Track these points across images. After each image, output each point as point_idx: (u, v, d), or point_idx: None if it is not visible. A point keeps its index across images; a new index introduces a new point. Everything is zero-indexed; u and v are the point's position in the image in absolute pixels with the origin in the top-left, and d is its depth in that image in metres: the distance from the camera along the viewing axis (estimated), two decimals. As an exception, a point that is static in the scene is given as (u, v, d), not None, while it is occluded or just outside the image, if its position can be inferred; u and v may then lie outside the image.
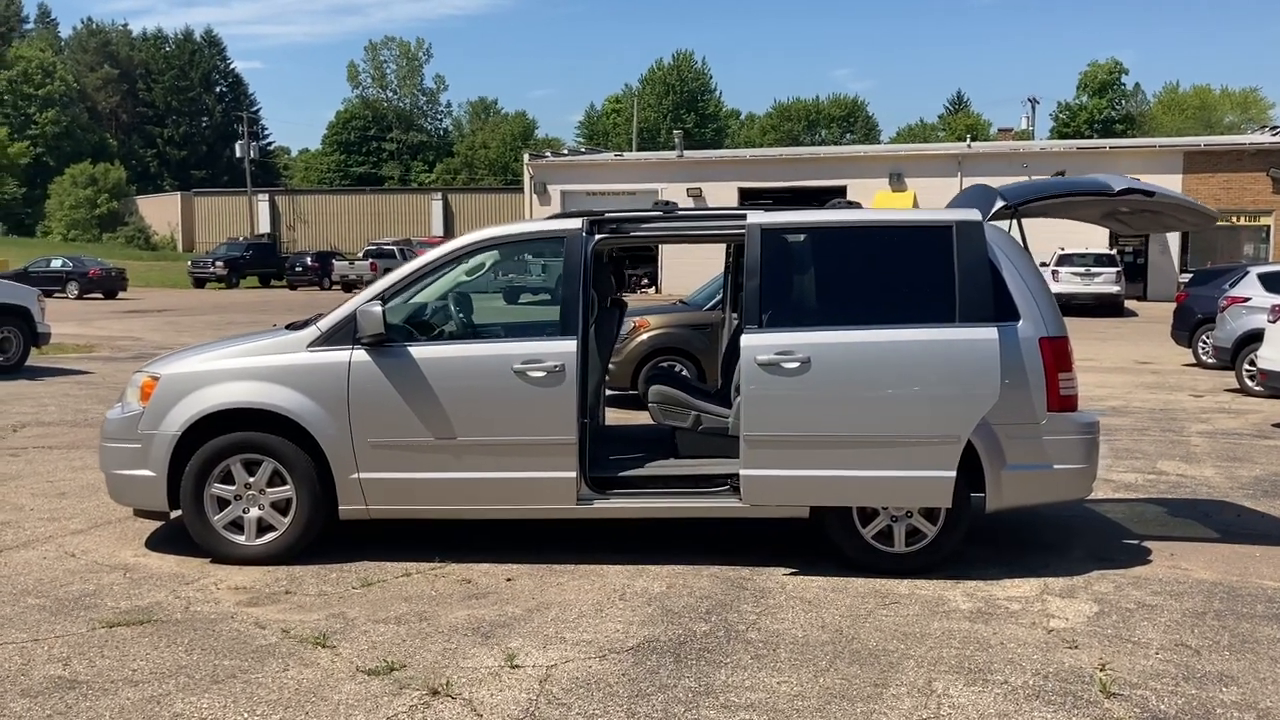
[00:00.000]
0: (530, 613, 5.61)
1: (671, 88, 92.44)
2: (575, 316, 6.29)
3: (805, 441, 6.10)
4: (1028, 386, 6.26)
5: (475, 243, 6.57)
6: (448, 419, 6.26)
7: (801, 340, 6.13)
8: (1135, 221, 7.40)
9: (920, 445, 6.06)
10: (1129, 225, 7.55)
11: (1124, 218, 7.36)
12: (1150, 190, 6.52)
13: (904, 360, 6.10)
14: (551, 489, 6.27)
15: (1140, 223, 7.42)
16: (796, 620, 5.54)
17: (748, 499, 6.19)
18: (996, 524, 7.33)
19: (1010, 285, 6.33)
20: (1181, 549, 6.97)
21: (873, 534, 6.34)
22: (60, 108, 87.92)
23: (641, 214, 6.68)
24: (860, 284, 6.40)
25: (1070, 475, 6.39)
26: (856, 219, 6.48)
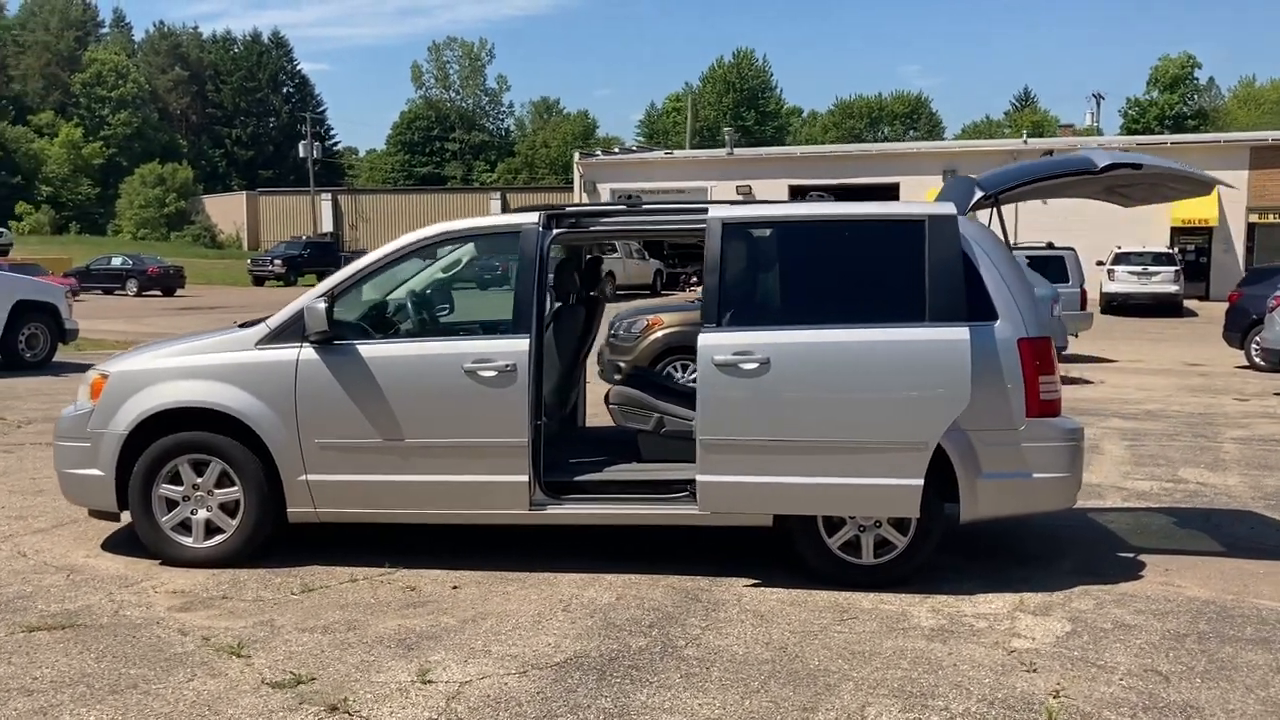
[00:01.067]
0: (465, 624, 5.38)
1: (732, 85, 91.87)
2: (529, 314, 6.05)
3: (764, 446, 5.80)
4: (1005, 390, 5.90)
5: (427, 238, 6.35)
6: (396, 420, 6.05)
7: (761, 340, 5.83)
8: (1135, 193, 6.99)
9: (886, 452, 5.73)
10: (1129, 198, 7.14)
11: (1124, 191, 6.95)
12: (1138, 162, 6.12)
13: (868, 362, 5.77)
14: (503, 493, 6.04)
15: (1140, 194, 7.01)
16: (742, 636, 5.25)
17: (704, 506, 5.91)
18: (983, 535, 6.98)
19: (988, 283, 5.97)
20: (1179, 563, 6.55)
21: (839, 544, 6.02)
22: (132, 109, 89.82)
23: (602, 208, 6.43)
24: (826, 281, 6.08)
25: (1051, 485, 6.01)
26: (823, 213, 6.16)
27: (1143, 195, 7.00)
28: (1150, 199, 7.08)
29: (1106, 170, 6.05)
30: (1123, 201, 7.20)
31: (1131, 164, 6.10)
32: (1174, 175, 6.39)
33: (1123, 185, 6.78)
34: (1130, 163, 6.10)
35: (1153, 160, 6.25)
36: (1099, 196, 7.26)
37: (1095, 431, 11.52)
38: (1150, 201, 7.11)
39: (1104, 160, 6.07)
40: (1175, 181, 6.55)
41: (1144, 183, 6.65)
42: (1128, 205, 7.32)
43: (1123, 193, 6.98)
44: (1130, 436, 11.31)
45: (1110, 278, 30.21)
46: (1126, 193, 6.96)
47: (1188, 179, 6.42)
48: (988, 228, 6.25)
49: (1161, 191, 6.87)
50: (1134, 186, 6.78)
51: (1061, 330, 16.27)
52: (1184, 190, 6.75)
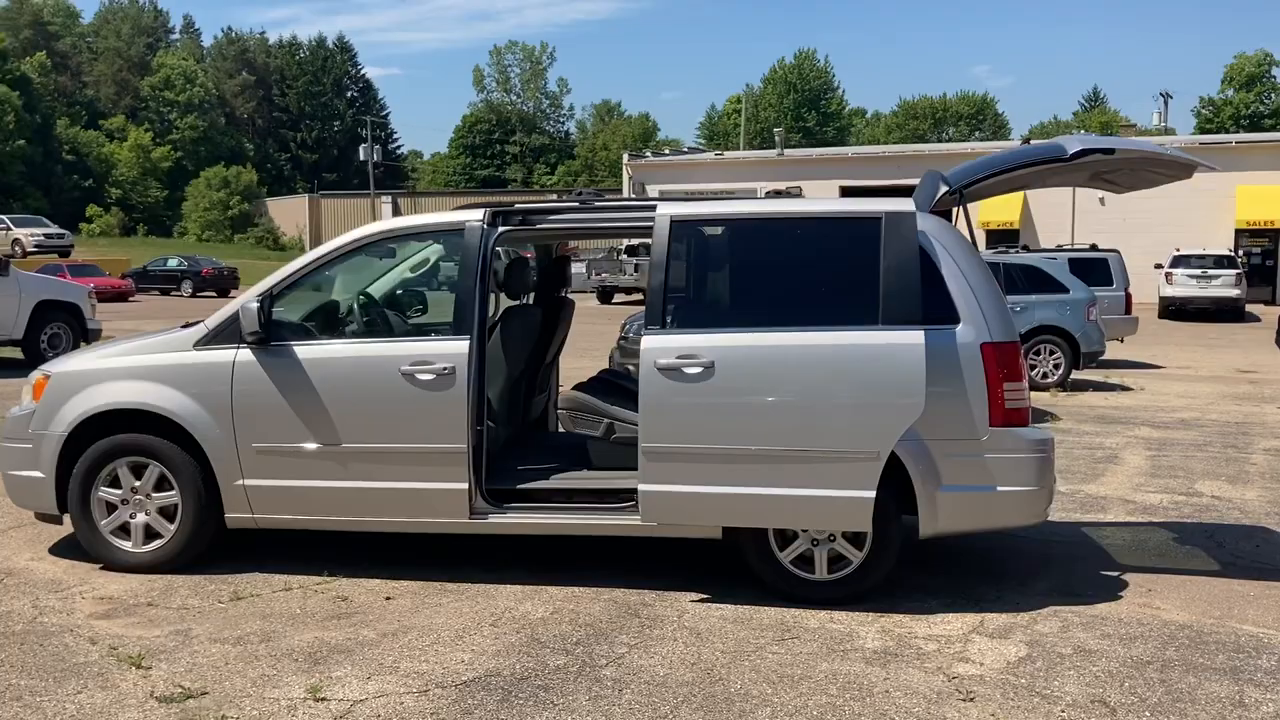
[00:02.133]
0: (385, 637, 5.16)
1: (793, 86, 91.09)
2: (470, 315, 5.82)
3: (709, 455, 5.51)
4: (966, 398, 5.55)
5: (366, 236, 6.16)
6: (332, 424, 5.86)
7: (706, 343, 5.55)
8: (1122, 179, 6.58)
9: (836, 461, 5.42)
10: (1117, 184, 6.73)
11: (1109, 177, 6.55)
12: (1110, 148, 5.73)
13: (816, 366, 5.46)
14: (442, 501, 5.82)
15: (1127, 180, 6.60)
16: (670, 655, 4.97)
17: (646, 516, 5.64)
18: (962, 550, 6.63)
19: (950, 285, 5.63)
20: (1166, 583, 6.14)
21: (792, 558, 5.71)
22: (200, 113, 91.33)
23: (550, 205, 6.19)
24: (778, 282, 5.78)
25: (1017, 499, 5.65)
26: (775, 210, 5.86)
27: (1129, 181, 6.59)
28: (1136, 184, 6.66)
29: (1077, 157, 5.68)
30: (1112, 188, 6.80)
31: (1103, 149, 5.71)
32: (1155, 159, 5.98)
33: (1107, 171, 6.39)
34: (1102, 148, 5.72)
35: (1127, 144, 5.87)
36: (1088, 184, 6.87)
37: (1119, 440, 11.06)
38: (1137, 187, 6.69)
39: (1075, 146, 5.70)
40: (1156, 165, 6.14)
41: (1125, 168, 6.26)
42: (1118, 192, 6.90)
43: (1109, 179, 6.58)
44: (1155, 446, 10.81)
45: (1168, 281, 29.29)
46: (1113, 179, 6.55)
47: (1170, 163, 6.00)
48: (954, 227, 5.90)
49: (1146, 176, 6.46)
50: (1118, 172, 6.38)
51: (1099, 336, 15.70)
52: (1167, 174, 6.33)
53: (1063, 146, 5.77)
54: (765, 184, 39.33)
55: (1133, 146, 5.86)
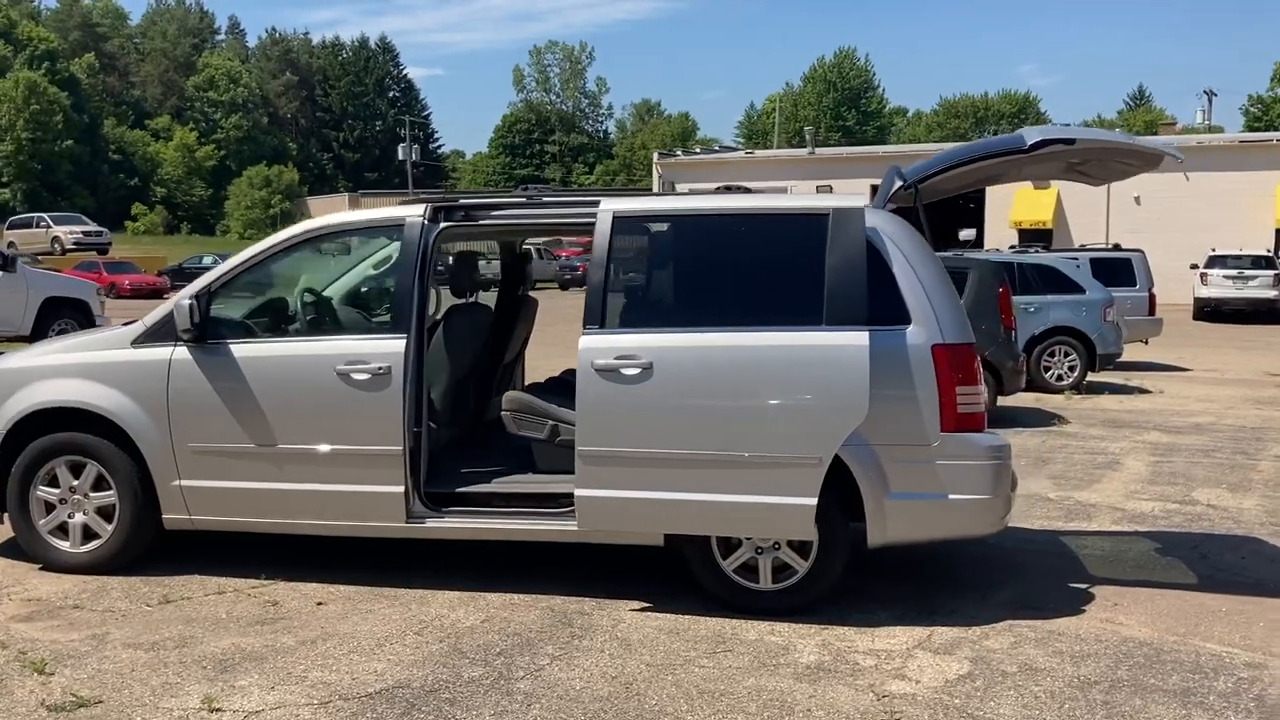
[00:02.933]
0: (303, 644, 5.02)
1: (833, 85, 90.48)
2: (407, 313, 5.67)
3: (648, 459, 5.31)
4: (916, 401, 5.32)
5: (307, 232, 6.02)
6: (268, 424, 5.73)
7: (644, 343, 5.35)
8: (1094, 171, 6.29)
9: (777, 467, 5.20)
10: (1090, 176, 6.44)
11: (1082, 169, 6.26)
12: (1070, 138, 5.46)
13: (757, 368, 5.25)
14: (379, 505, 5.67)
15: (1099, 172, 6.31)
16: (593, 668, 4.78)
17: (583, 523, 5.45)
18: (928, 558, 6.38)
19: (901, 284, 5.39)
20: (1135, 597, 5.86)
21: (735, 567, 5.50)
22: (243, 113, 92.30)
23: (494, 200, 6.01)
24: (721, 281, 5.58)
25: (970, 508, 5.40)
26: (719, 207, 5.66)
27: (1100, 173, 6.30)
28: (1109, 176, 6.37)
29: (1036, 148, 5.42)
30: (1086, 180, 6.51)
31: (1063, 140, 5.45)
32: (1119, 150, 5.70)
33: (1078, 163, 6.11)
34: (1062, 138, 5.45)
35: (1088, 134, 5.60)
36: (1063, 176, 6.58)
37: (1124, 445, 10.73)
38: (1110, 179, 6.40)
39: (1034, 137, 5.44)
40: (1121, 156, 5.86)
41: (1094, 159, 5.98)
42: (1093, 184, 6.61)
43: (1081, 170, 6.30)
44: (1161, 451, 10.46)
45: (1203, 281, 28.62)
46: (1084, 170, 6.27)
47: (1133, 153, 5.72)
48: (909, 224, 5.66)
49: (1115, 168, 6.17)
50: (1088, 164, 6.10)
51: (1116, 337, 15.30)
52: (1134, 165, 6.03)
53: (1022, 138, 5.52)
54: (796, 182, 39.00)
55: (1094, 137, 5.59)
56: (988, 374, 11.86)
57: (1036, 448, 10.65)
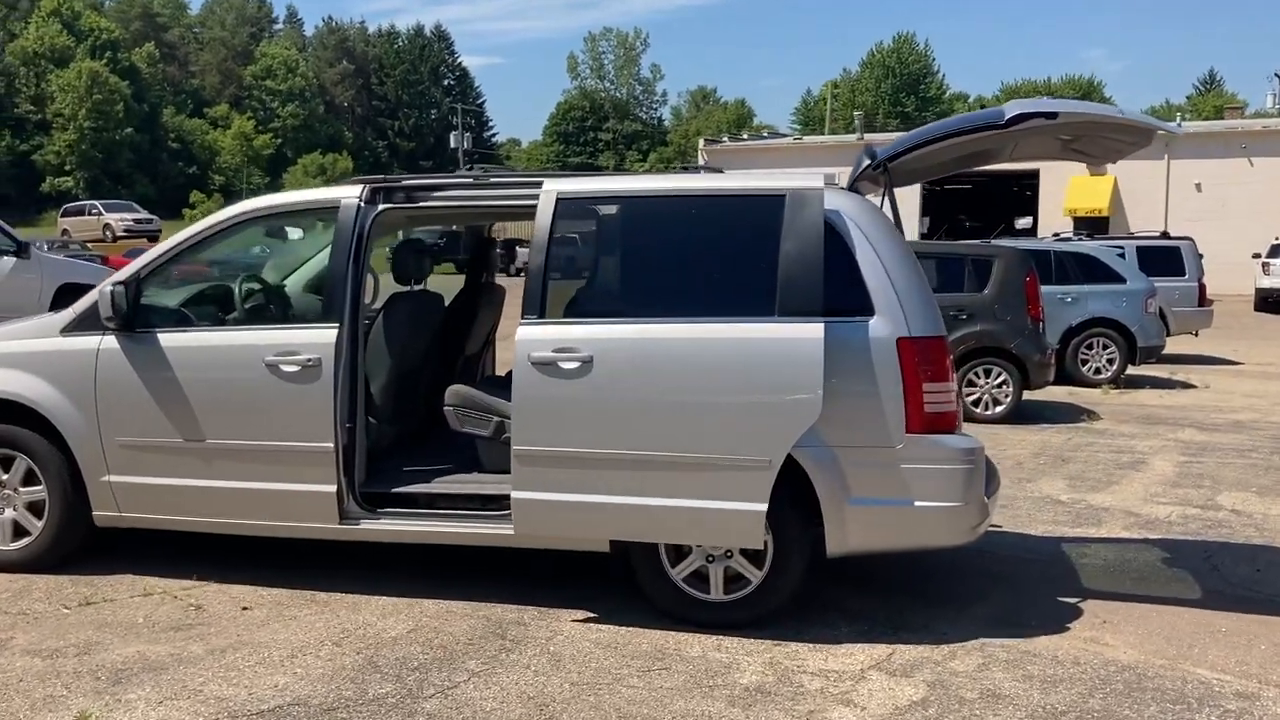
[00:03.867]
0: (212, 654, 4.71)
1: (891, 70, 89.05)
2: (340, 301, 5.33)
3: (587, 459, 4.93)
4: (878, 399, 4.88)
5: (240, 214, 5.69)
6: (196, 418, 5.43)
7: (584, 335, 4.97)
8: (1091, 149, 5.75)
9: (724, 470, 4.80)
10: (1088, 155, 5.89)
11: (1077, 147, 5.72)
12: (1052, 111, 4.96)
13: (702, 362, 4.84)
14: (310, 505, 5.34)
15: (1095, 150, 5.76)
16: (511, 686, 4.42)
17: (520, 528, 5.09)
18: (908, 566, 5.95)
19: (865, 273, 4.95)
20: (1129, 613, 5.38)
21: (685, 576, 5.11)
22: (300, 102, 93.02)
23: (436, 181, 5.64)
24: (668, 268, 5.17)
25: (938, 515, 4.94)
26: (669, 187, 5.25)
27: (1097, 151, 5.76)
28: (1105, 155, 5.81)
29: (1015, 122, 4.94)
30: (1085, 159, 5.98)
31: (1045, 113, 4.95)
32: (1110, 124, 5.17)
33: (1071, 140, 5.60)
34: (1044, 111, 4.95)
35: (1073, 106, 5.11)
36: (1060, 155, 6.06)
37: (1154, 444, 10.15)
38: (1108, 158, 5.85)
39: (1013, 111, 4.96)
40: (1112, 131, 5.32)
41: (1087, 135, 5.46)
42: (1094, 164, 6.07)
43: (1077, 149, 5.78)
44: (1193, 451, 9.87)
45: (1265, 271, 27.50)
46: (1081, 148, 5.74)
47: (1127, 127, 5.18)
48: (878, 208, 5.21)
49: (1111, 145, 5.61)
50: (1080, 140, 5.57)
51: (1158, 329, 14.63)
52: (1128, 141, 5.48)
53: (1002, 112, 5.04)
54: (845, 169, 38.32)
55: (1078, 109, 5.08)
56: (1012, 367, 11.39)
57: (1059, 445, 10.11)
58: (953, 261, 11.87)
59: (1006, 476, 8.60)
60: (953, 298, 11.51)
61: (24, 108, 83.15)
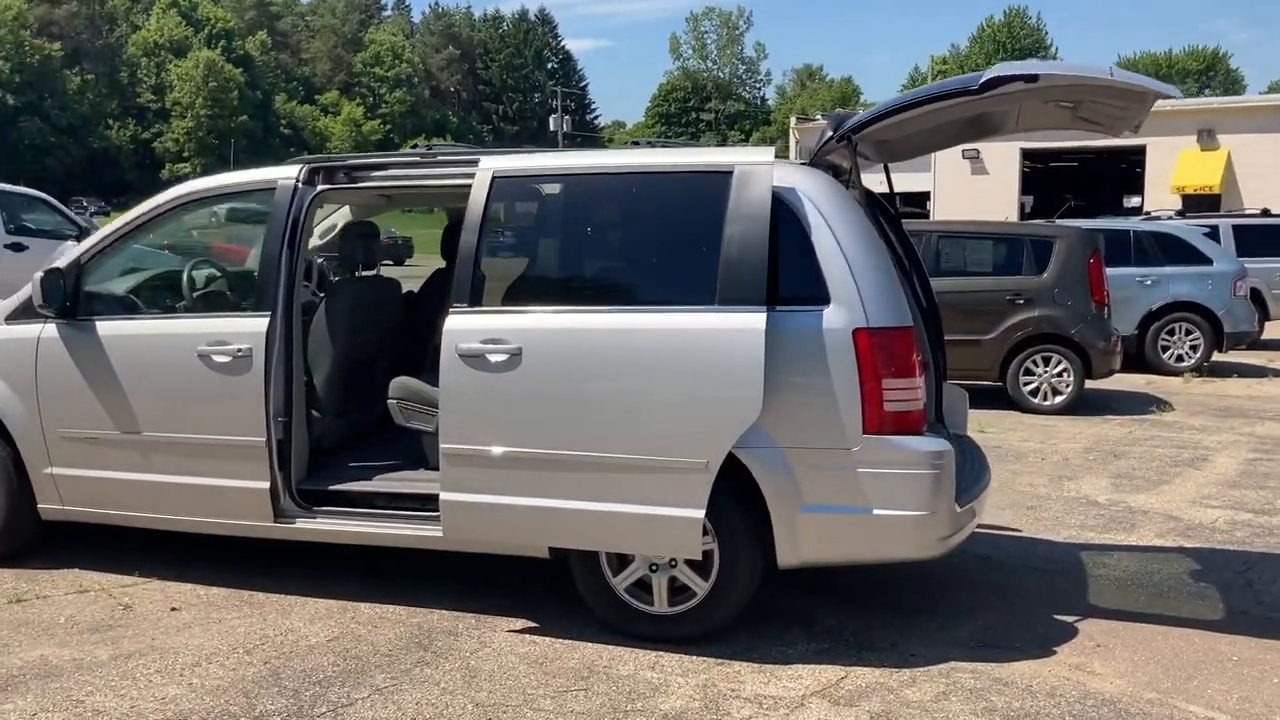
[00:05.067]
0: (117, 659, 4.48)
1: (1002, 45, 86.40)
2: (273, 288, 5.05)
3: (516, 460, 4.57)
4: (832, 396, 4.40)
5: (178, 197, 5.45)
6: (131, 410, 5.22)
7: (514, 325, 4.60)
8: (1097, 117, 5.07)
9: (657, 472, 4.39)
10: (1097, 124, 5.20)
11: (1084, 114, 5.07)
12: (1033, 74, 4.36)
13: (635, 356, 4.44)
14: (244, 501, 5.09)
15: (1102, 118, 5.06)
16: (410, 706, 4.08)
17: (449, 531, 4.76)
18: (900, 575, 5.46)
19: (821, 255, 4.47)
20: (1131, 635, 4.81)
21: (627, 585, 4.71)
22: (407, 88, 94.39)
23: (379, 160, 5.32)
24: (608, 252, 4.79)
25: (900, 525, 4.45)
26: (607, 164, 4.82)
27: (1104, 119, 5.09)
28: (1113, 124, 5.12)
29: (989, 87, 4.39)
30: (1097, 129, 5.32)
31: (1024, 76, 4.37)
32: (1099, 87, 4.54)
33: (1072, 107, 4.98)
34: (1023, 75, 4.38)
35: (1057, 68, 4.49)
36: (1069, 126, 5.44)
37: (1223, 439, 9.39)
38: (1118, 128, 5.15)
39: (988, 74, 4.40)
40: (1107, 96, 4.68)
41: (1086, 100, 4.83)
42: (1109, 134, 5.38)
43: (1085, 118, 5.15)
44: (1265, 448, 9.09)
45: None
46: (1088, 115, 5.10)
47: (1121, 91, 4.53)
48: (837, 184, 4.70)
49: (1113, 112, 4.94)
50: (1081, 105, 4.92)
51: (1248, 314, 13.65)
52: (1124, 107, 4.81)
53: (977, 76, 4.50)
54: (939, 147, 37.12)
55: (1062, 71, 4.47)
56: (1073, 355, 10.65)
57: (1116, 440, 9.41)
58: (1010, 242, 11.18)
59: (1046, 474, 8.00)
60: (1009, 281, 10.86)
61: (145, 97, 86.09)
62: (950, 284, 10.96)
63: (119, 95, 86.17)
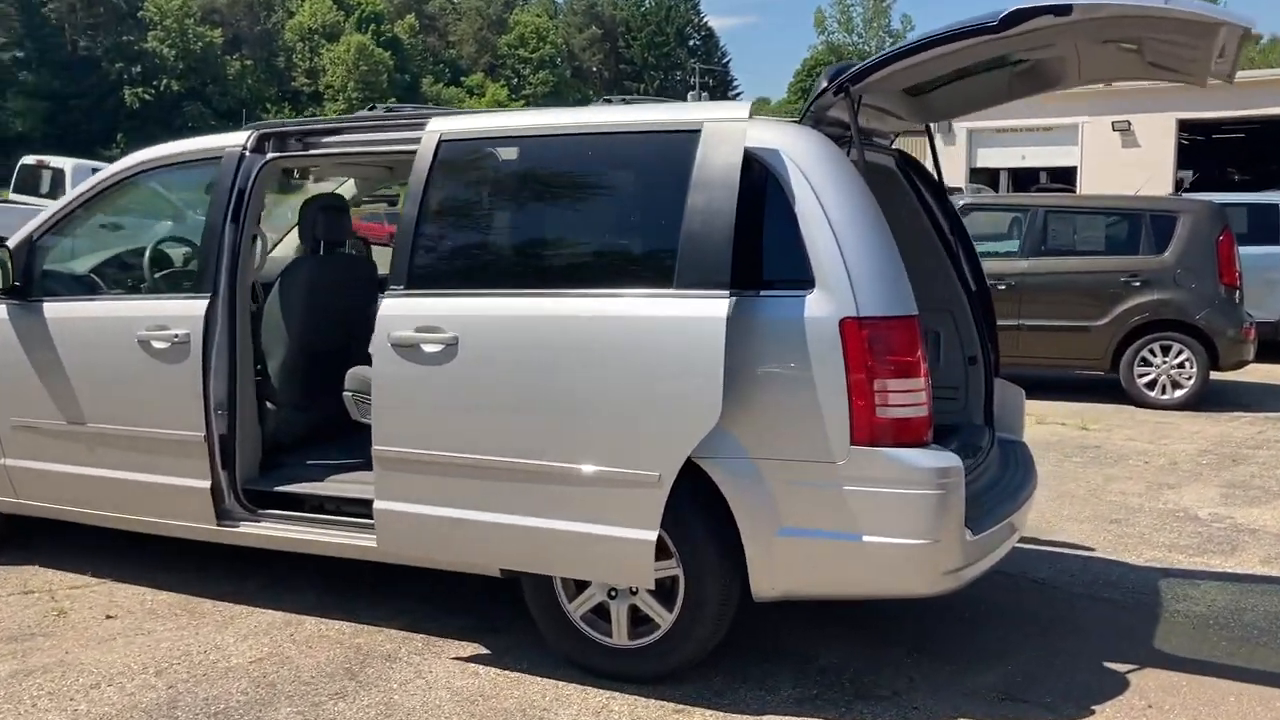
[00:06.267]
0: (16, 677, 4.06)
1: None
2: (213, 267, 4.57)
3: (451, 466, 3.99)
4: (815, 399, 3.67)
5: (127, 168, 5.00)
6: (76, 398, 4.82)
7: (450, 311, 4.00)
8: (1169, 61, 4.14)
9: (607, 486, 3.75)
10: (1171, 70, 4.28)
11: (1154, 59, 4.14)
12: (1064, 5, 3.50)
13: (581, 348, 3.79)
14: (185, 501, 4.64)
15: (1174, 61, 4.13)
16: (305, 748, 3.56)
17: (383, 543, 4.20)
18: (936, 602, 4.68)
19: (806, 231, 3.73)
20: (1194, 694, 3.95)
21: (584, 613, 4.08)
22: (550, 69, 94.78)
23: (334, 124, 4.76)
24: (561, 225, 4.14)
25: (896, 555, 3.68)
26: (567, 123, 4.15)
27: (1176, 64, 4.16)
28: (1184, 68, 4.16)
29: (1010, 24, 3.56)
30: (1174, 76, 4.39)
31: (1055, 8, 3.52)
32: (1159, 21, 3.63)
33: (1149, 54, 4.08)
34: (1052, 6, 3.52)
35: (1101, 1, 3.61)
36: (1141, 75, 4.53)
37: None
38: (1202, 72, 4.17)
39: (1012, 7, 3.56)
40: (1167, 32, 3.76)
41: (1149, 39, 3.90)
42: (1192, 80, 4.42)
43: (1156, 63, 4.22)
44: None
45: None
46: (1158, 60, 4.18)
47: (1186, 27, 3.61)
48: (836, 147, 3.92)
49: (1184, 54, 3.99)
50: (1145, 44, 3.98)
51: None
52: (1189, 44, 3.87)
53: (994, 15, 3.67)
54: (1087, 118, 34.88)
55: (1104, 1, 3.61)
56: (1197, 344, 9.49)
57: (1240, 441, 8.32)
58: (1126, 217, 10.06)
59: (1145, 480, 7.05)
60: (1124, 261, 9.78)
61: (299, 81, 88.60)
62: (1057, 264, 10.00)
63: (276, 79, 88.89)
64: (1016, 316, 9.74)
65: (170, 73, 79.17)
